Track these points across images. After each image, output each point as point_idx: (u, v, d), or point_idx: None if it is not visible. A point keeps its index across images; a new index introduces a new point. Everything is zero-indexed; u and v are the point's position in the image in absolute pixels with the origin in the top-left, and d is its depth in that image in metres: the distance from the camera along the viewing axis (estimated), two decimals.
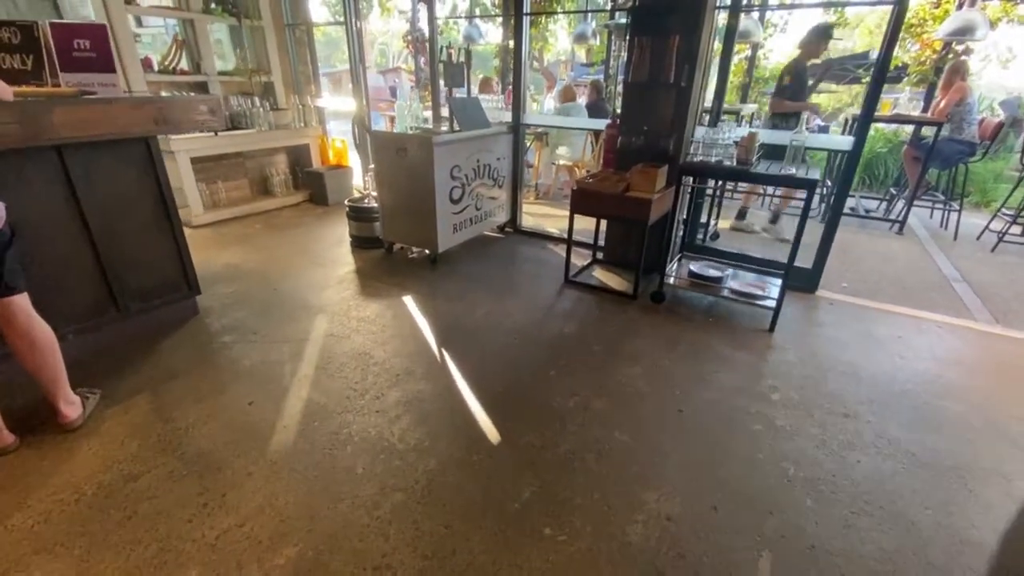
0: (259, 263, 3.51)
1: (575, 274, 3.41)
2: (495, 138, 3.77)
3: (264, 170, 4.94)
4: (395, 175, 3.39)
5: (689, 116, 3.05)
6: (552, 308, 2.98)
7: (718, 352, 2.54)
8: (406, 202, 3.43)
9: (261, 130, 4.59)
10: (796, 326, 2.83)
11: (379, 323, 2.73)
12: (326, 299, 2.99)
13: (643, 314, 2.92)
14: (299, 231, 4.23)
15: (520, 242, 4.13)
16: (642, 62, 2.98)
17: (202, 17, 4.35)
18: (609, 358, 2.47)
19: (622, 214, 2.94)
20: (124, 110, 2.09)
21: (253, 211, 4.70)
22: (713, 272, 3.03)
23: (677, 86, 2.95)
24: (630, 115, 3.20)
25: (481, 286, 3.24)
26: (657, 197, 2.86)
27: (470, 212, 3.69)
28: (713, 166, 2.66)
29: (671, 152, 3.09)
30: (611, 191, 2.92)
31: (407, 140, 3.23)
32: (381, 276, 3.35)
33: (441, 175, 3.27)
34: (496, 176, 3.90)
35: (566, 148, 5.44)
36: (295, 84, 5.27)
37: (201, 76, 4.48)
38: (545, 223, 4.69)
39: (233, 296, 3.01)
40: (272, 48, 4.86)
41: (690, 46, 2.85)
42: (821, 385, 2.31)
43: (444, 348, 2.51)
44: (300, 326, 2.69)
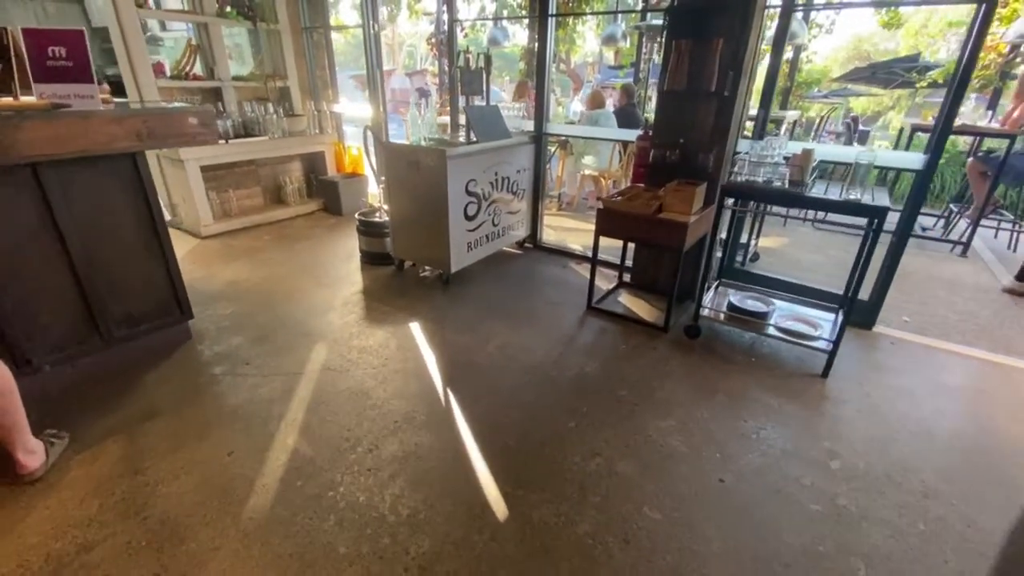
0: (263, 280, 3.32)
1: (599, 300, 3.11)
2: (515, 149, 3.50)
3: (278, 178, 4.78)
4: (406, 189, 3.15)
5: (732, 129, 2.72)
6: (573, 341, 2.68)
7: (764, 402, 2.21)
8: (417, 218, 3.18)
9: (274, 137, 4.43)
10: (853, 371, 2.47)
11: (381, 355, 2.48)
12: (327, 324, 2.77)
13: (675, 351, 2.60)
14: (309, 244, 4.04)
15: (540, 260, 3.84)
16: (679, 68, 2.66)
17: (216, 21, 4.20)
18: (637, 406, 2.16)
19: (653, 239, 2.63)
20: (103, 124, 1.89)
21: (265, 221, 4.54)
22: (756, 305, 2.69)
23: (719, 95, 2.62)
24: (664, 126, 2.88)
25: (495, 312, 2.97)
26: (694, 220, 2.53)
27: (486, 228, 3.43)
28: (761, 187, 2.33)
29: (710, 169, 2.76)
30: (642, 212, 2.61)
31: (420, 153, 2.98)
32: (389, 298, 3.11)
33: (455, 190, 3.01)
34: (516, 190, 3.63)
35: (592, 157, 5.13)
36: (312, 89, 5.11)
37: (215, 81, 4.35)
38: (568, 238, 4.39)
39: (231, 318, 2.82)
40: (289, 52, 4.70)
41: (736, 50, 2.52)
42: (889, 450, 1.96)
43: (450, 388, 2.25)
44: (296, 356, 2.46)
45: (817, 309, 2.78)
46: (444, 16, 9.36)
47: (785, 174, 2.30)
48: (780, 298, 2.87)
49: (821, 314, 2.72)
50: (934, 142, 2.46)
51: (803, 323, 2.60)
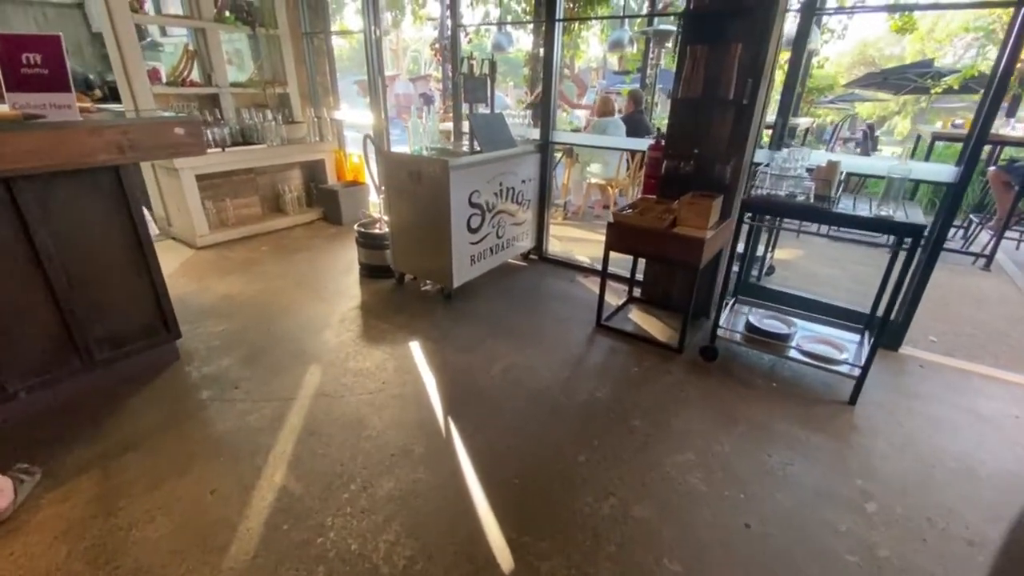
0: (257, 294, 3.19)
1: (609, 316, 2.96)
2: (521, 158, 3.36)
3: (277, 187, 4.66)
4: (407, 200, 3.02)
5: (750, 139, 2.58)
6: (582, 362, 2.54)
7: (789, 434, 2.05)
8: (418, 231, 3.05)
9: (272, 145, 4.31)
10: (883, 398, 2.31)
11: (378, 378, 2.34)
12: (323, 343, 2.63)
13: (691, 374, 2.45)
14: (307, 255, 3.91)
15: (546, 273, 3.70)
16: (695, 75, 2.52)
17: (214, 26, 4.10)
18: (652, 437, 2.01)
19: (667, 255, 2.48)
20: (79, 136, 1.77)
21: (263, 230, 4.42)
22: (776, 326, 2.53)
23: (737, 103, 2.48)
24: (678, 136, 2.74)
25: (500, 330, 2.82)
26: (711, 235, 2.39)
27: (490, 241, 3.29)
28: (784, 202, 2.18)
29: (727, 181, 2.61)
30: (654, 227, 2.47)
31: (421, 163, 2.85)
32: (388, 314, 2.98)
33: (458, 202, 2.88)
34: (521, 200, 3.49)
35: (599, 165, 5.00)
36: (312, 96, 5.00)
37: (212, 88, 4.24)
38: (574, 249, 4.25)
39: (222, 336, 2.68)
40: (288, 58, 4.59)
41: (756, 56, 2.38)
42: (928, 489, 1.80)
43: (450, 417, 2.10)
44: (289, 379, 2.32)
45: (841, 329, 2.62)
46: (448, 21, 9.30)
47: (810, 188, 2.15)
48: (800, 316, 2.71)
49: (845, 335, 2.56)
50: (968, 153, 2.30)
51: (827, 345, 2.44)
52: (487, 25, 6.86)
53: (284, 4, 4.41)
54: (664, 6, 7.03)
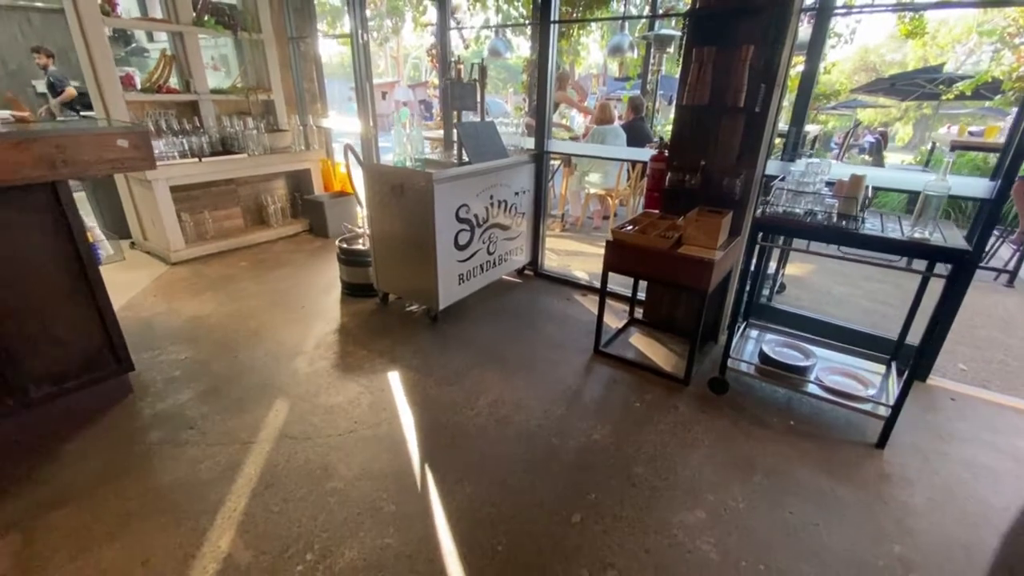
0: (229, 317, 2.96)
1: (608, 341, 2.73)
2: (514, 169, 3.14)
3: (260, 198, 4.44)
4: (389, 215, 2.79)
5: (762, 149, 2.35)
6: (578, 396, 2.29)
7: (811, 485, 1.81)
8: (402, 247, 2.82)
9: (254, 154, 4.10)
10: (913, 438, 2.06)
11: (350, 416, 2.10)
12: (293, 374, 2.39)
13: (699, 411, 2.20)
14: (287, 272, 3.68)
15: (541, 290, 3.46)
16: (701, 80, 2.30)
17: (192, 30, 3.89)
18: (657, 490, 1.77)
19: (672, 278, 2.25)
20: (1, 151, 1.54)
21: (244, 244, 4.20)
22: (793, 356, 2.29)
23: (748, 111, 2.25)
24: (683, 146, 2.52)
25: (488, 357, 2.58)
26: (720, 257, 2.16)
27: (480, 258, 3.06)
28: (802, 222, 1.94)
29: (737, 195, 2.38)
30: (658, 246, 2.24)
31: (404, 175, 2.63)
32: (368, 338, 2.74)
33: (444, 217, 2.65)
34: (514, 214, 3.27)
35: (598, 175, 4.77)
36: (299, 103, 4.80)
37: (191, 95, 4.03)
38: (572, 264, 4.02)
39: (184, 365, 2.45)
40: (273, 63, 4.39)
41: (769, 59, 2.16)
42: (974, 557, 1.55)
43: (428, 465, 1.86)
44: (251, 418, 2.09)
45: (863, 359, 2.38)
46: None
47: (832, 206, 1.92)
48: (817, 343, 2.47)
49: (869, 366, 2.32)
50: (1006, 165, 2.07)
51: (849, 378, 2.20)
52: (482, 28, 6.67)
53: (268, 7, 4.21)
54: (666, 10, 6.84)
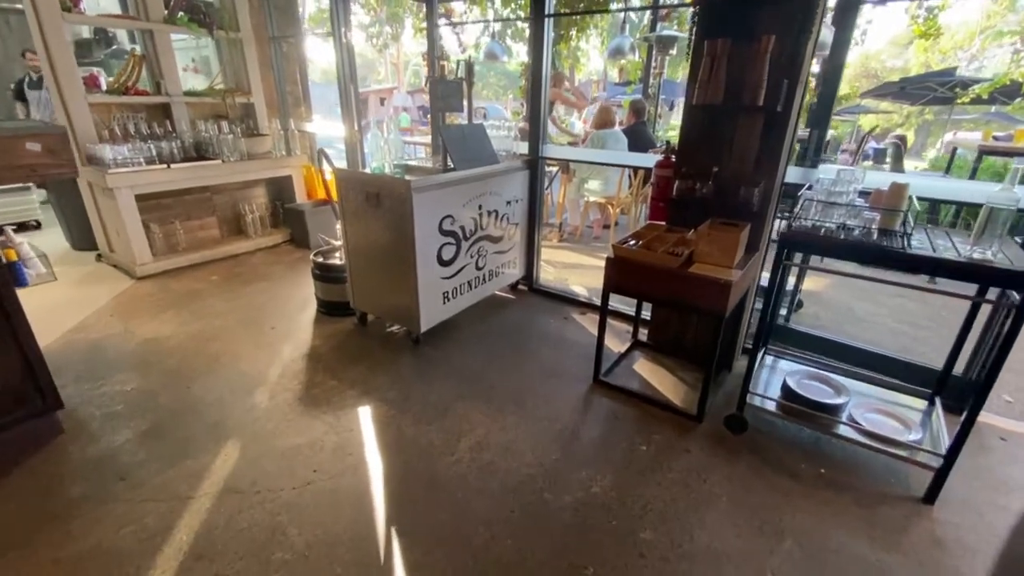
0: (190, 339, 2.67)
1: (609, 369, 2.44)
2: (506, 176, 2.86)
3: (237, 206, 4.17)
4: (365, 228, 2.52)
5: (783, 154, 2.07)
6: (575, 437, 2.00)
7: (852, 554, 1.51)
8: (379, 263, 2.54)
9: (229, 160, 3.83)
10: (965, 490, 1.77)
11: (310, 463, 1.81)
12: (250, 410, 2.10)
13: (715, 455, 1.91)
14: (261, 287, 3.40)
15: (536, 307, 3.18)
16: (714, 77, 2.02)
17: (163, 28, 3.64)
18: (668, 562, 1.47)
19: (683, 300, 1.96)
20: None
21: (219, 256, 3.92)
22: (822, 391, 2.00)
23: (769, 111, 1.98)
24: (693, 151, 2.24)
25: (475, 388, 2.29)
26: (738, 277, 1.87)
27: (468, 274, 2.78)
28: (839, 240, 1.65)
29: (755, 206, 2.10)
30: (666, 265, 1.96)
31: (379, 183, 2.35)
32: (341, 365, 2.45)
33: (424, 230, 2.37)
34: (506, 224, 2.99)
35: (598, 182, 4.50)
36: (281, 106, 4.54)
37: (162, 97, 3.76)
38: (570, 277, 3.74)
39: (129, 398, 2.16)
40: (253, 64, 4.13)
41: (793, 52, 1.88)
42: None
43: (395, 527, 1.56)
44: (194, 465, 1.80)
45: (899, 391, 2.09)
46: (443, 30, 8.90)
47: (872, 220, 1.63)
48: (844, 371, 2.19)
49: (907, 400, 2.03)
50: None
51: (888, 417, 1.90)
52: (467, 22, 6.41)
53: (247, 4, 3.96)
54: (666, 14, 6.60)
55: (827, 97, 2.22)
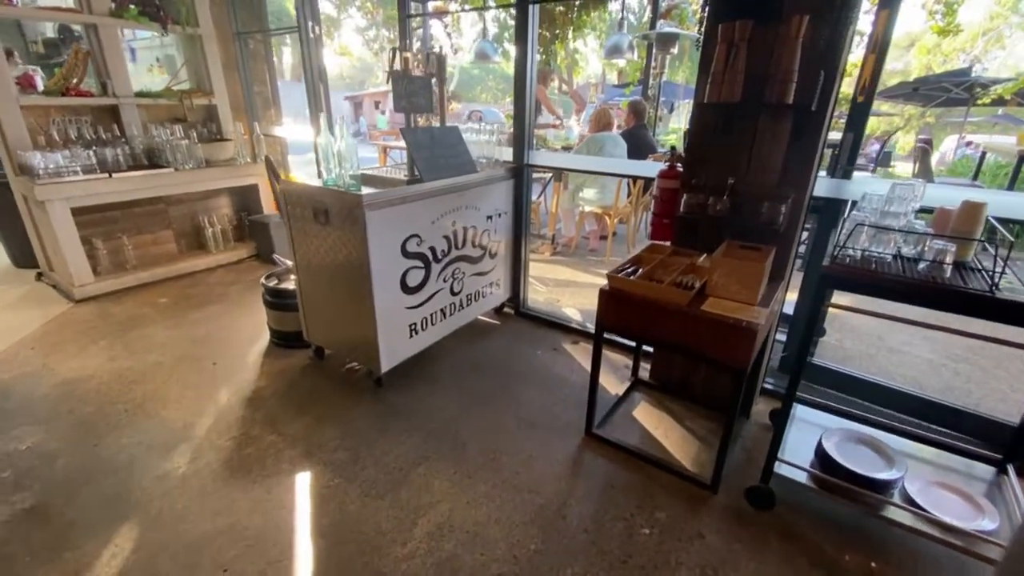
0: (115, 378, 2.29)
1: (604, 418, 2.05)
2: (486, 187, 2.49)
3: (197, 219, 3.79)
4: (315, 250, 2.14)
5: (815, 163, 1.70)
6: (560, 516, 1.61)
7: None
8: (333, 292, 2.16)
9: (184, 168, 3.45)
10: None
11: (220, 559, 1.42)
12: (163, 477, 1.72)
13: (735, 540, 1.52)
14: (214, 311, 3.01)
15: (523, 335, 2.79)
16: (732, 68, 1.64)
17: (110, 22, 3.27)
18: None
19: (694, 346, 1.58)
20: None
21: (173, 273, 3.54)
22: (867, 459, 1.60)
23: (802, 110, 1.60)
24: (704, 158, 1.86)
25: (442, 444, 1.90)
26: (764, 317, 1.49)
27: (441, 300, 2.39)
28: (901, 279, 1.26)
29: (781, 225, 1.72)
30: (671, 301, 1.57)
31: (328, 198, 1.97)
32: (285, 414, 2.06)
33: (384, 253, 1.99)
34: (487, 242, 2.61)
35: (594, 190, 4.12)
36: (248, 109, 4.17)
37: (109, 99, 3.38)
38: (563, 298, 3.35)
39: (20, 461, 1.77)
40: (215, 63, 3.76)
41: (832, 36, 1.51)
42: None
43: None
44: (73, 563, 1.41)
45: (957, 451, 1.70)
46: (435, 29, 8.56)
47: (946, 251, 1.24)
48: (887, 422, 1.80)
49: (969, 466, 1.64)
50: None
51: (952, 493, 1.51)
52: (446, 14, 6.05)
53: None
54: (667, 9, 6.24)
55: (869, 92, 1.84)
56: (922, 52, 18.79)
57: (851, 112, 1.94)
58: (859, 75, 1.85)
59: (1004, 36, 17.63)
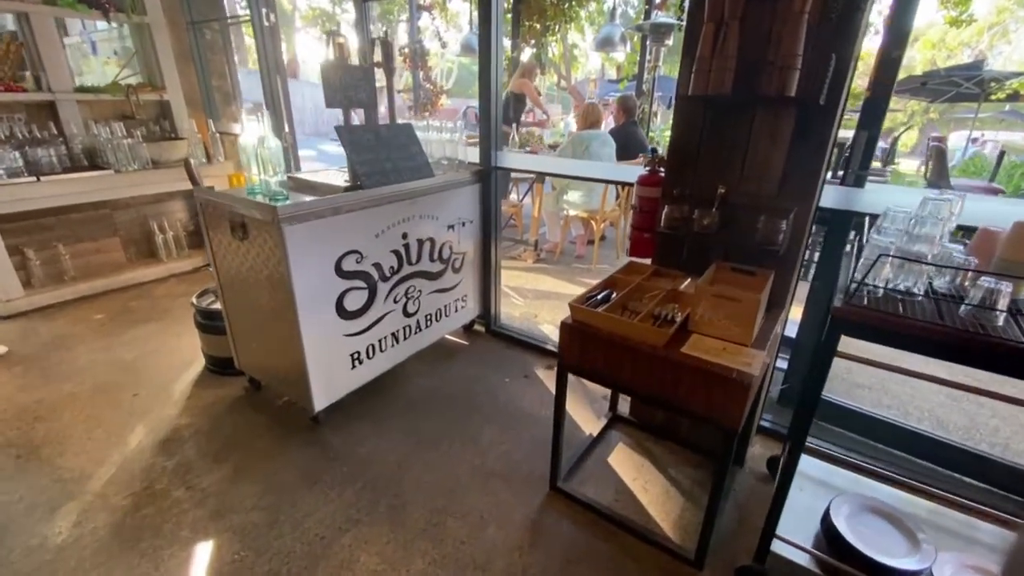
0: (17, 415, 1.99)
1: (575, 465, 1.76)
2: (445, 194, 2.18)
3: (147, 224, 3.49)
4: (237, 269, 1.84)
5: (823, 168, 1.39)
6: None
7: None
8: (259, 318, 1.86)
9: (127, 170, 3.15)
10: None
11: None
12: (35, 549, 1.42)
13: None
14: (152, 329, 2.72)
15: (492, 358, 2.49)
16: (721, 53, 1.34)
17: (43, 11, 2.96)
18: None
19: (674, 398, 1.28)
20: None
21: (119, 285, 3.25)
22: (888, 539, 1.30)
23: (807, 105, 1.29)
24: (689, 162, 1.56)
25: (379, 502, 1.61)
26: (760, 362, 1.19)
27: (392, 324, 2.09)
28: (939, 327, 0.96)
29: (782, 246, 1.42)
30: (646, 342, 1.27)
31: (244, 209, 1.67)
32: (201, 464, 1.77)
33: (310, 275, 1.69)
34: (449, 255, 2.31)
35: (580, 193, 3.82)
36: (206, 104, 3.86)
37: (43, 94, 3.08)
38: (541, 312, 3.05)
39: None
40: (166, 55, 3.45)
41: (848, 10, 1.20)
42: None
43: None
44: None
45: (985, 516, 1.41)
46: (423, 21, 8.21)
47: (998, 291, 0.94)
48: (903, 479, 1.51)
49: (1005, 538, 1.34)
50: None
51: None
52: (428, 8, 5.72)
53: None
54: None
55: (886, 82, 1.53)
56: (926, 46, 18.41)
57: (866, 105, 1.63)
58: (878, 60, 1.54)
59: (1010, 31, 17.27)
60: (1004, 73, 5.64)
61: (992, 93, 5.52)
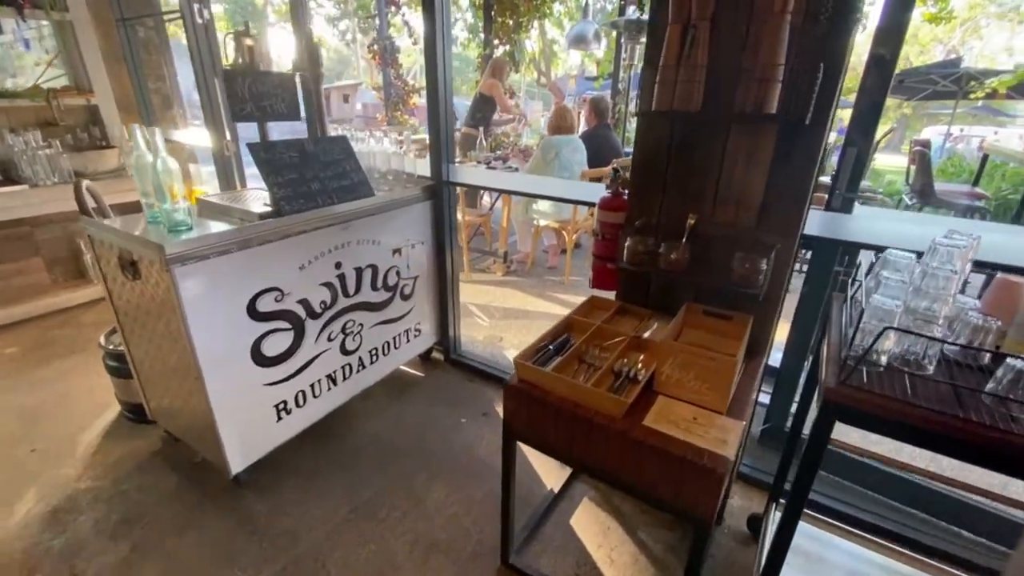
0: None
1: (532, 531, 1.54)
2: (390, 215, 1.94)
3: (73, 242, 3.17)
4: (134, 311, 1.58)
5: (809, 194, 1.18)
6: None
7: None
8: (164, 365, 1.60)
9: (47, 184, 2.83)
10: None
11: None
12: None
13: None
14: (67, 365, 2.42)
15: (448, 394, 2.26)
16: (688, 63, 1.12)
17: None
18: None
19: (638, 482, 1.06)
20: None
21: (42, 311, 2.93)
22: None
23: (792, 124, 1.08)
24: (654, 187, 1.34)
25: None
26: (735, 439, 0.98)
27: (328, 364, 1.84)
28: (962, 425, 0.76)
29: (762, 286, 1.20)
30: (602, 412, 1.05)
31: (133, 245, 1.41)
32: (95, 541, 1.50)
33: (215, 320, 1.44)
34: (396, 281, 2.06)
35: (549, 203, 3.59)
36: (142, 110, 3.54)
37: None
38: (507, 335, 2.82)
39: None
40: (93, 54, 3.12)
41: (837, 11, 0.99)
42: None
43: None
44: None
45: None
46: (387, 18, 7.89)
47: None
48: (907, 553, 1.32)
49: None
50: None
51: None
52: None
53: None
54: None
55: (878, 91, 1.33)
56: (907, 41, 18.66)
57: (854, 119, 1.42)
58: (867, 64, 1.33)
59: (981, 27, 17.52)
60: (982, 71, 5.57)
61: (971, 92, 5.45)
